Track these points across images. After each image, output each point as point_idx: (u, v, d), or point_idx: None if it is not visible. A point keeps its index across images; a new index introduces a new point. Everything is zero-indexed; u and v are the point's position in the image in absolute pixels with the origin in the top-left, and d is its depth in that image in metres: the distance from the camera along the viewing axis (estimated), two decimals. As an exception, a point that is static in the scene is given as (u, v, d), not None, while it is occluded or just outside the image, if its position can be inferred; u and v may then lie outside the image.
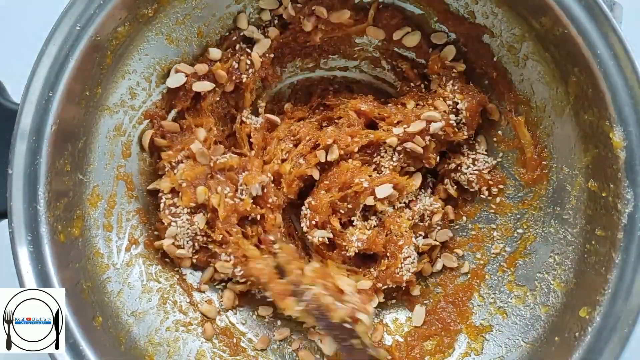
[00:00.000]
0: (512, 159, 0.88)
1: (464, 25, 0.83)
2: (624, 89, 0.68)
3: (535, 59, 0.78)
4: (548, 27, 0.73)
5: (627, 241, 0.68)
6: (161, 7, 0.78)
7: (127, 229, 0.85)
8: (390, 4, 0.86)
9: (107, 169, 0.82)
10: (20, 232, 0.69)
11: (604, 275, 0.70)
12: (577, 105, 0.74)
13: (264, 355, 0.89)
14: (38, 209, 0.69)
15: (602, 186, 0.72)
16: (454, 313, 0.89)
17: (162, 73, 0.85)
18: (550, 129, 0.81)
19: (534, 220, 0.85)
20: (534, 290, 0.82)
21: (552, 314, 0.78)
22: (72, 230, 0.75)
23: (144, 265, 0.86)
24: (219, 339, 0.88)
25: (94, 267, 0.78)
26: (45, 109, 0.69)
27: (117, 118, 0.82)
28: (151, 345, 0.82)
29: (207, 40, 0.86)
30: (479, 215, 0.91)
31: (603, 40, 0.68)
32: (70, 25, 0.70)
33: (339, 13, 0.87)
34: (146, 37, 0.80)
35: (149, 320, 0.83)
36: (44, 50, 0.69)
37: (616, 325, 0.68)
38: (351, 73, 0.95)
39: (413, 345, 0.88)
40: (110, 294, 0.80)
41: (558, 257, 0.79)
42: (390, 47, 0.90)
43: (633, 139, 0.68)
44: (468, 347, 0.85)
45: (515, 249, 0.87)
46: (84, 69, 0.72)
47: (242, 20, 0.86)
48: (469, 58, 0.87)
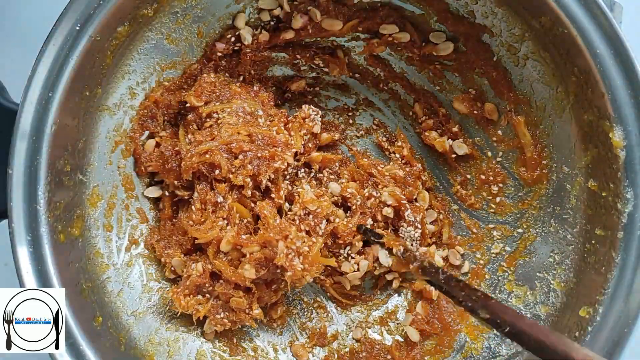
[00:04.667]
0: (512, 158, 0.88)
1: (464, 25, 0.83)
2: (624, 88, 0.68)
3: (535, 58, 0.78)
4: (548, 27, 0.73)
5: (627, 240, 0.69)
6: (161, 7, 0.78)
7: (127, 229, 0.85)
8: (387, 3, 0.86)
9: (107, 169, 0.82)
10: (20, 232, 0.69)
11: (604, 274, 0.70)
12: (577, 105, 0.74)
13: (264, 355, 0.89)
14: (38, 209, 0.69)
15: (602, 186, 0.72)
16: (454, 313, 0.89)
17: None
18: (550, 129, 0.81)
19: (533, 220, 0.85)
20: (534, 290, 0.82)
21: (552, 314, 0.78)
22: (72, 230, 0.75)
23: (144, 265, 0.86)
24: (219, 338, 0.88)
25: (94, 267, 0.78)
26: (45, 109, 0.69)
27: (117, 118, 0.82)
28: (151, 345, 0.82)
29: (206, 40, 0.86)
30: (479, 215, 0.91)
31: (603, 40, 0.68)
32: (70, 25, 0.70)
33: (331, 21, 0.87)
34: (146, 37, 0.80)
35: (149, 320, 0.83)
36: (44, 50, 0.69)
37: (616, 324, 0.68)
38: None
39: (413, 345, 0.88)
40: (110, 294, 0.80)
41: (558, 256, 0.79)
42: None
43: (633, 139, 0.68)
44: (468, 347, 0.85)
45: (515, 248, 0.87)
46: (84, 69, 0.72)
47: (240, 20, 0.86)
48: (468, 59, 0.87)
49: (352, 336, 0.92)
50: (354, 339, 0.92)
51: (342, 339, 0.92)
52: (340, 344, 0.92)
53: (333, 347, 0.91)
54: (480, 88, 0.87)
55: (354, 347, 0.91)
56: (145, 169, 0.86)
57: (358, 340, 0.92)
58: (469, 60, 0.86)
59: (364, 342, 0.91)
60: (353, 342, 0.92)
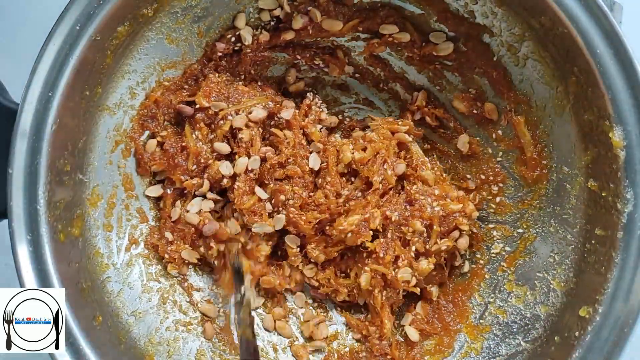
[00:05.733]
0: (512, 158, 0.88)
1: (464, 24, 0.83)
2: (624, 88, 0.68)
3: (535, 58, 0.78)
4: (548, 27, 0.73)
5: (627, 240, 0.68)
6: (161, 7, 0.78)
7: (127, 228, 0.85)
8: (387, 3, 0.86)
9: (107, 168, 0.82)
10: (20, 231, 0.69)
11: (604, 274, 0.70)
12: (577, 105, 0.74)
13: (264, 354, 0.89)
14: (38, 208, 0.69)
15: (602, 185, 0.72)
16: (453, 312, 0.89)
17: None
18: (550, 129, 0.81)
19: (533, 220, 0.85)
20: (534, 290, 0.82)
21: (552, 314, 0.78)
22: (72, 230, 0.75)
23: (144, 265, 0.86)
24: (219, 338, 0.88)
25: (94, 266, 0.78)
26: (45, 109, 0.69)
27: (117, 118, 0.82)
28: (151, 345, 0.82)
29: (207, 40, 0.87)
30: (478, 215, 0.91)
31: (603, 40, 0.68)
32: (70, 25, 0.70)
33: (331, 22, 0.87)
34: (146, 36, 0.80)
35: (149, 320, 0.83)
36: (44, 49, 0.69)
37: (616, 324, 0.68)
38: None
39: (413, 345, 0.88)
40: (110, 294, 0.80)
41: (558, 256, 0.79)
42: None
43: (633, 139, 0.68)
44: (468, 347, 0.85)
45: (515, 248, 0.87)
46: (84, 68, 0.72)
47: (240, 20, 0.86)
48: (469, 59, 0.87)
49: (352, 336, 0.92)
50: (354, 339, 0.92)
51: (342, 339, 0.92)
52: (340, 343, 0.92)
53: (333, 347, 0.91)
54: (480, 88, 0.87)
55: (353, 347, 0.91)
56: (149, 169, 0.86)
57: (358, 340, 0.92)
58: (469, 60, 0.86)
59: (364, 342, 0.91)
60: (353, 342, 0.92)
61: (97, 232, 0.80)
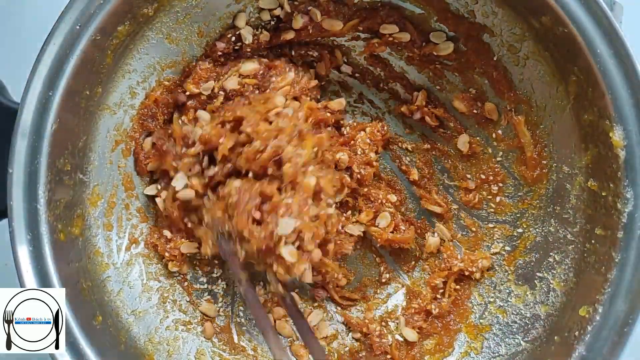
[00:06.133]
0: (512, 158, 0.88)
1: (464, 24, 0.83)
2: (624, 88, 0.68)
3: (535, 58, 0.78)
4: (548, 27, 0.73)
5: (627, 240, 0.69)
6: (161, 7, 0.78)
7: (127, 228, 0.85)
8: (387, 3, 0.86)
9: (107, 168, 0.82)
10: (20, 231, 0.69)
11: (604, 274, 0.70)
12: (577, 105, 0.74)
13: (264, 354, 0.89)
14: (38, 208, 0.69)
15: (602, 185, 0.72)
16: (453, 312, 0.89)
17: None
18: (550, 129, 0.81)
19: (533, 220, 0.85)
20: (534, 290, 0.82)
21: (552, 313, 0.78)
22: (72, 230, 0.75)
23: (144, 264, 0.86)
24: (219, 337, 0.88)
25: (94, 266, 0.78)
26: (45, 108, 0.69)
27: (118, 117, 0.82)
28: (151, 345, 0.82)
29: (207, 39, 0.87)
30: (478, 215, 0.91)
31: (603, 40, 0.68)
32: (71, 25, 0.70)
33: (332, 21, 0.87)
34: (146, 36, 0.80)
35: (149, 320, 0.83)
36: (44, 49, 0.69)
37: (616, 324, 0.68)
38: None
39: (413, 345, 0.88)
40: (110, 293, 0.80)
41: (558, 256, 0.79)
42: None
43: (633, 138, 0.68)
44: (468, 347, 0.86)
45: (515, 248, 0.87)
46: (84, 68, 0.72)
47: (240, 19, 0.86)
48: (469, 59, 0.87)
49: (352, 336, 0.92)
50: (354, 338, 0.92)
51: (342, 339, 0.92)
52: (340, 343, 0.92)
53: (333, 347, 0.92)
54: (480, 88, 0.88)
55: (353, 347, 0.91)
56: (145, 167, 0.86)
57: (358, 340, 0.92)
58: (469, 60, 0.86)
59: (364, 341, 0.91)
60: (353, 342, 0.92)
61: (97, 231, 0.80)
